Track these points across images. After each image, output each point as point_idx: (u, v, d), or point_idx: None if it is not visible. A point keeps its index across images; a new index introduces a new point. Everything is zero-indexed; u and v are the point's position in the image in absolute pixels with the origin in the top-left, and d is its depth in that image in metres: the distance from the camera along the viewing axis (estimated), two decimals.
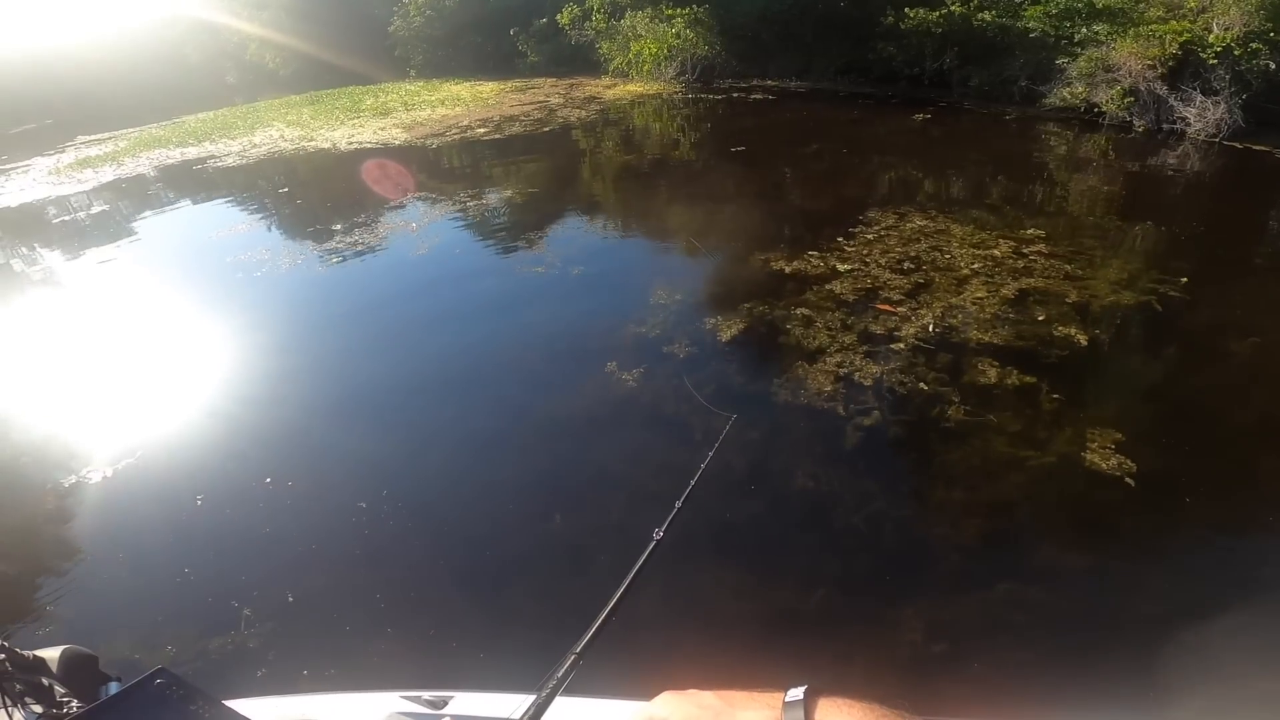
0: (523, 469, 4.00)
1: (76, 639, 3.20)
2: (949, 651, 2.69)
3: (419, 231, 8.11)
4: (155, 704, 0.79)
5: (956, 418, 3.93)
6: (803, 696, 0.49)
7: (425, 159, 11.71)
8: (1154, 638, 2.68)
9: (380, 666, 2.81)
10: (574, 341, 5.26)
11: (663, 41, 15.72)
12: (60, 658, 1.01)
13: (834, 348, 4.65)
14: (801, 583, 3.09)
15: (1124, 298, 5.05)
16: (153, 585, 3.38)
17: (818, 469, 3.69)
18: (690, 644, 2.74)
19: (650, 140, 12.00)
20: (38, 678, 0.99)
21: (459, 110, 15.25)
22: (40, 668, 1.00)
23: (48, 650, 1.02)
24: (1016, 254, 5.81)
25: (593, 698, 1.32)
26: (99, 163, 13.87)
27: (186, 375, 5.32)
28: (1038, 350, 4.48)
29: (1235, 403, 4.09)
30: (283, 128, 15.24)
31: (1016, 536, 3.33)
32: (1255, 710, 2.02)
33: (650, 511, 3.45)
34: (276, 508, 3.77)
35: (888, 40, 12.56)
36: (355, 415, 4.67)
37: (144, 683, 0.81)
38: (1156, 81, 9.30)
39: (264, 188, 11.09)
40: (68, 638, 3.18)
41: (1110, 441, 3.63)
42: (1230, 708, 2.28)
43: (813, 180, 8.85)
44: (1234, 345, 4.60)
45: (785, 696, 0.50)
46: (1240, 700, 2.29)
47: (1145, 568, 3.11)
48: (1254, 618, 2.73)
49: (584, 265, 6.67)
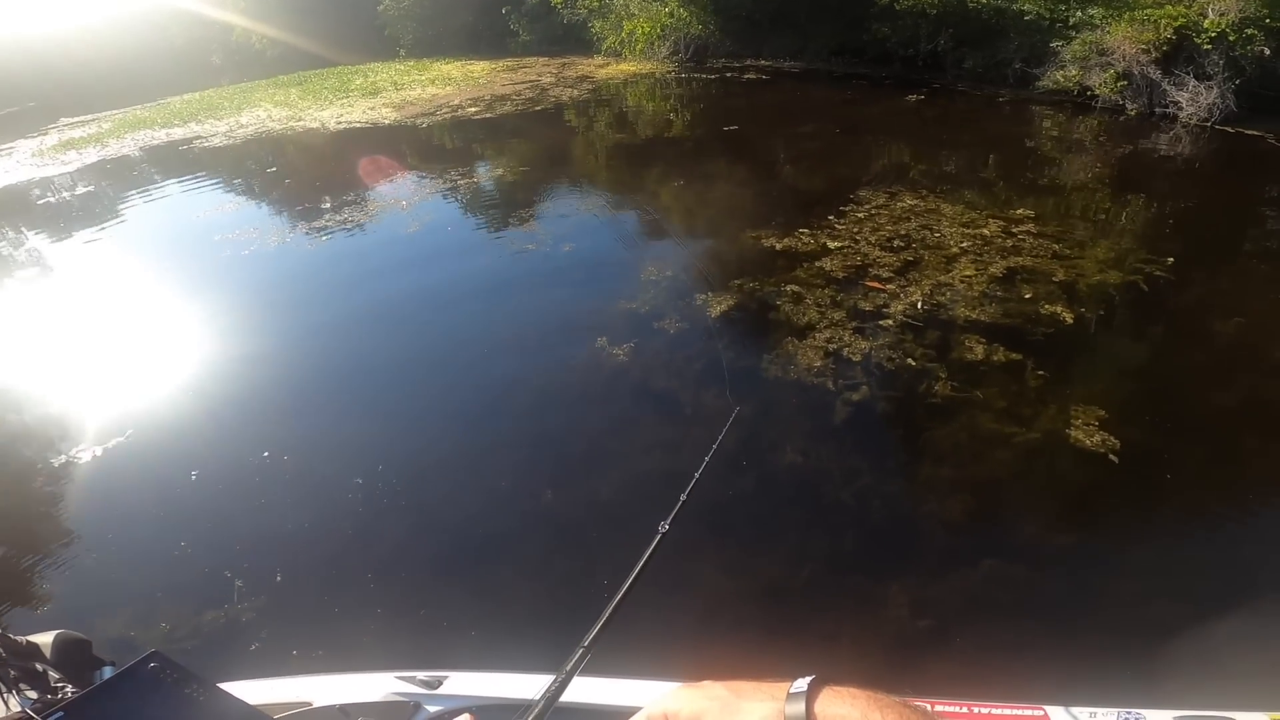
0: (512, 444, 4.01)
1: (71, 617, 3.21)
2: (934, 628, 2.71)
3: (410, 209, 8.05)
4: (149, 687, 0.79)
5: (943, 394, 3.96)
6: (806, 688, 0.50)
7: (416, 138, 11.59)
8: (1135, 615, 2.71)
9: (371, 645, 2.81)
10: (565, 318, 5.25)
11: (656, 21, 15.54)
12: (54, 643, 1.01)
13: (823, 324, 4.67)
14: (790, 559, 3.11)
15: (1110, 277, 5.08)
16: (146, 563, 3.39)
17: (807, 444, 3.72)
18: (680, 623, 2.75)
19: (643, 120, 11.91)
20: (32, 664, 0.99)
21: (450, 90, 15.07)
22: (34, 653, 1.00)
23: (41, 636, 1.02)
24: (1005, 233, 5.83)
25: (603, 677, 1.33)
26: (83, 144, 13.66)
27: (175, 354, 5.29)
28: (1024, 328, 4.50)
29: (1218, 382, 4.12)
30: (270, 108, 15.03)
31: (1001, 513, 3.35)
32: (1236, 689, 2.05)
33: (640, 487, 3.50)
34: (270, 484, 3.77)
35: (882, 21, 12.46)
36: (345, 392, 4.66)
37: (137, 666, 0.81)
38: (1150, 65, 9.27)
39: (251, 168, 10.96)
40: (63, 616, 3.19)
41: (1094, 418, 3.66)
42: (1210, 686, 2.30)
43: (805, 160, 8.82)
44: (1219, 325, 4.63)
45: (790, 687, 0.51)
46: (1221, 679, 2.31)
47: (1127, 545, 3.14)
48: (1235, 596, 2.77)
49: (575, 242, 6.65)
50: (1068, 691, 1.64)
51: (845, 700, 0.49)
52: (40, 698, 0.92)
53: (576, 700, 0.71)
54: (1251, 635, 2.48)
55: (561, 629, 2.49)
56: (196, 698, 0.79)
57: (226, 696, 0.82)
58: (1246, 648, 2.42)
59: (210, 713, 0.80)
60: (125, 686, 0.79)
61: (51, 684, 0.98)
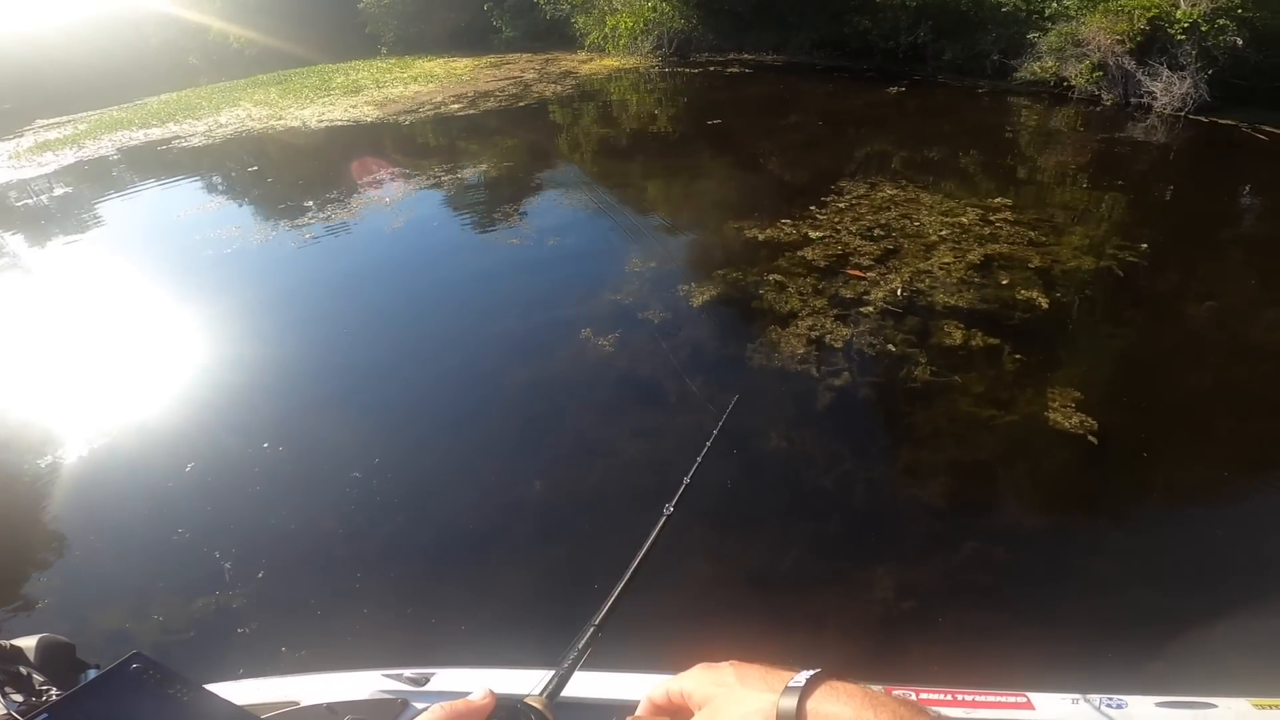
0: (500, 435, 4.02)
1: (63, 611, 3.18)
2: (917, 610, 2.74)
3: (393, 206, 8.01)
4: (132, 688, 0.79)
5: (923, 379, 4.02)
6: (804, 682, 0.50)
7: (398, 135, 11.52)
8: (1115, 599, 2.75)
9: (361, 639, 2.81)
10: (550, 311, 5.27)
11: (639, 15, 15.52)
12: (37, 646, 1.01)
13: (806, 312, 4.72)
14: (774, 543, 3.15)
15: (1085, 263, 5.17)
16: (132, 562, 3.38)
17: (791, 430, 3.76)
18: (667, 610, 2.74)
19: (626, 114, 11.91)
20: (16, 667, 0.99)
21: (432, 87, 14.98)
22: (18, 657, 1.00)
23: (24, 640, 1.02)
24: (983, 221, 5.90)
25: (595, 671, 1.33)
26: (59, 146, 13.44)
27: (156, 354, 5.24)
28: (1002, 313, 4.58)
29: (1192, 364, 4.20)
30: (250, 107, 14.87)
31: (982, 496, 3.40)
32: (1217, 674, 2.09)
33: (627, 475, 3.52)
34: (263, 478, 3.77)
35: (863, 14, 12.53)
36: (329, 389, 4.65)
37: (120, 668, 0.81)
38: (1125, 56, 9.40)
39: (232, 167, 10.85)
40: (55, 609, 3.16)
41: (1071, 400, 3.72)
42: (1192, 671, 2.31)
43: (787, 152, 8.87)
44: (1191, 309, 4.72)
45: (791, 680, 0.51)
46: (1203, 664, 2.33)
47: (1106, 526, 3.20)
48: (1214, 580, 2.82)
49: (560, 236, 6.66)
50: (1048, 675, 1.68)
51: (840, 698, 0.48)
52: (25, 700, 0.93)
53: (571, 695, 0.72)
54: (1232, 619, 2.52)
55: (553, 621, 2.54)
56: (180, 698, 0.80)
57: (211, 697, 0.82)
58: (1228, 632, 2.45)
59: (195, 712, 0.80)
60: (108, 687, 0.80)
61: (36, 687, 0.98)
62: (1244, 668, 1.93)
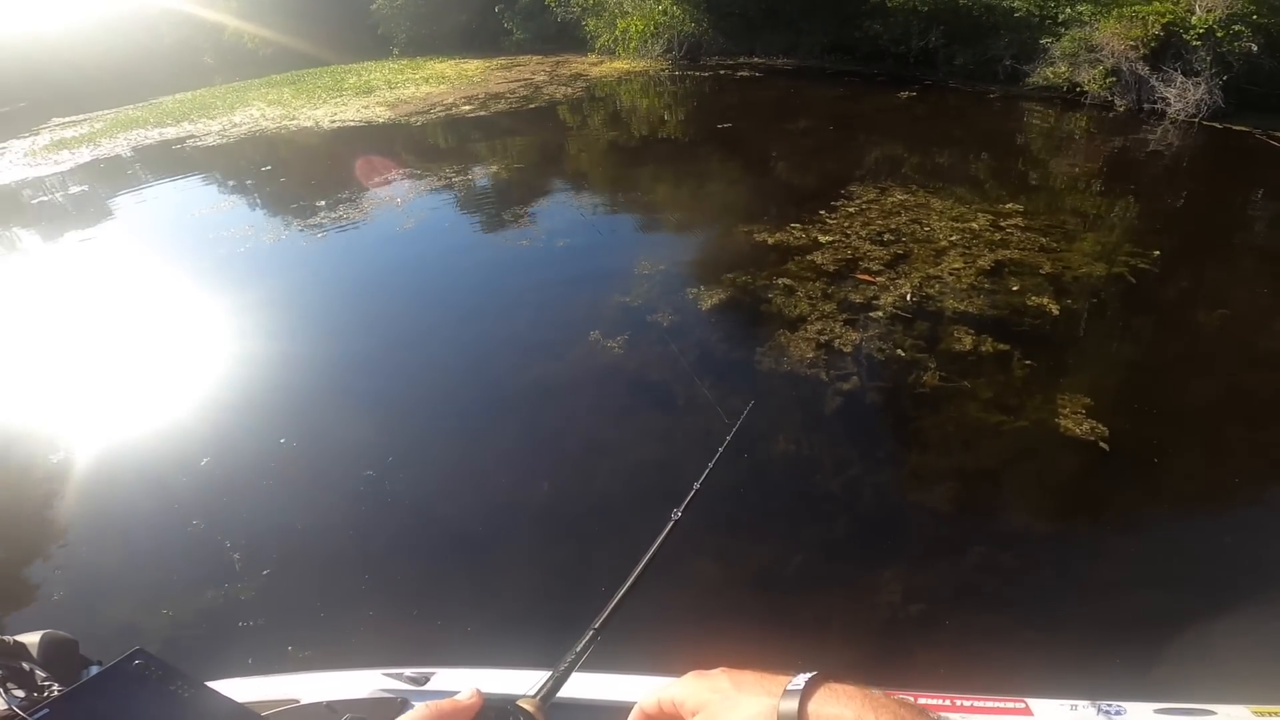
0: (508, 437, 4.04)
1: (74, 605, 3.20)
2: (923, 614, 2.74)
3: (405, 207, 8.06)
4: (134, 684, 0.79)
5: (932, 384, 4.01)
6: (803, 685, 0.49)
7: (410, 136, 11.59)
8: (1119, 605, 2.74)
9: (367, 636, 2.83)
10: (559, 312, 5.29)
11: (649, 18, 15.56)
12: (40, 642, 1.01)
13: (815, 316, 4.72)
14: (782, 547, 3.15)
15: (1097, 269, 5.15)
16: (144, 557, 3.42)
17: (799, 434, 3.76)
18: (672, 612, 2.73)
19: (636, 117, 11.95)
20: (18, 663, 0.99)
21: (443, 88, 15.07)
22: (21, 653, 1.00)
23: (28, 635, 1.02)
24: (994, 227, 5.89)
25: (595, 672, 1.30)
26: (75, 144, 13.59)
27: (171, 350, 5.29)
28: (1012, 319, 4.57)
29: (1204, 372, 4.18)
30: (263, 107, 14.99)
31: (990, 501, 3.39)
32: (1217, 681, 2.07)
33: (635, 478, 3.53)
34: (273, 476, 3.80)
35: (874, 18, 12.52)
36: (341, 386, 4.68)
37: (122, 664, 0.81)
38: (1138, 62, 9.36)
39: (245, 166, 10.94)
40: (67, 603, 3.19)
41: (1081, 406, 3.71)
42: (1192, 678, 2.31)
43: (797, 156, 8.87)
44: (1203, 317, 4.70)
45: (789, 684, 0.50)
46: (1202, 671, 2.31)
47: (1113, 533, 3.19)
48: (1219, 587, 2.80)
49: (569, 238, 6.69)
50: (1050, 681, 1.67)
51: (840, 700, 0.48)
52: (27, 696, 0.93)
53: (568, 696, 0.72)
54: (1234, 627, 2.50)
55: (558, 623, 2.55)
56: (182, 694, 0.80)
57: (213, 694, 0.82)
58: (1229, 639, 2.44)
59: (196, 709, 0.80)
60: (109, 684, 0.80)
61: (38, 683, 0.97)
62: (1245, 675, 1.92)
